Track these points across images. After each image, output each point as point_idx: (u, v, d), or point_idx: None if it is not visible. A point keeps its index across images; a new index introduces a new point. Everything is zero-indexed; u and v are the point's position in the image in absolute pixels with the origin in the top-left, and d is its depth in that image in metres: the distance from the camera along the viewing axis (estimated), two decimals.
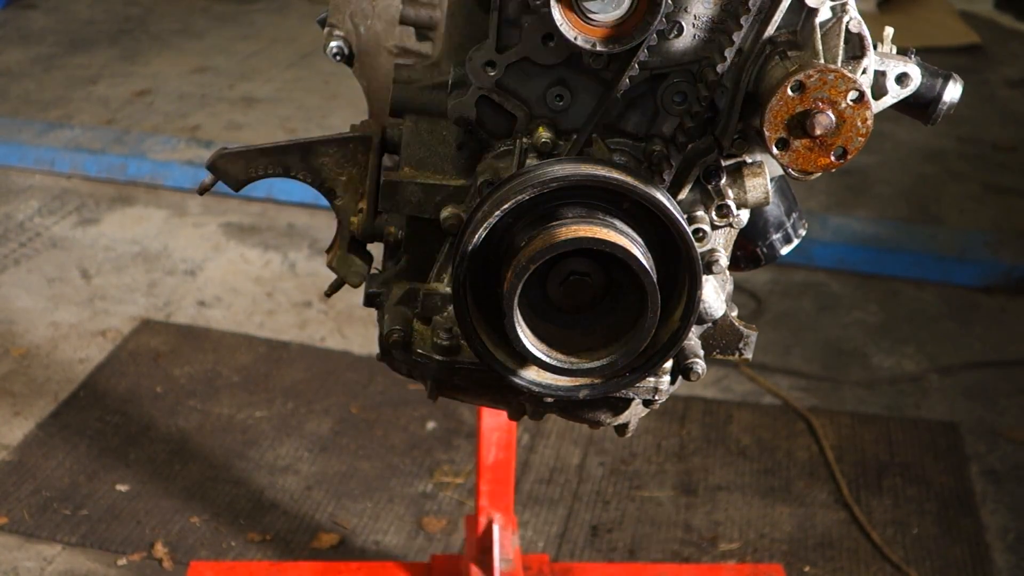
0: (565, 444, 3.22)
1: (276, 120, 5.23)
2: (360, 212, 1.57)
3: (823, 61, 1.25)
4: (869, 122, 1.23)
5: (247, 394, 3.38)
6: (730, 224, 1.41)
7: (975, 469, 3.18)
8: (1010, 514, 3.01)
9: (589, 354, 1.30)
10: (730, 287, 1.51)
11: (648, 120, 1.39)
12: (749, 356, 1.51)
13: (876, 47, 1.35)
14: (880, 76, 1.36)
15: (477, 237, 1.26)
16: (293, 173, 1.58)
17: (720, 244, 1.43)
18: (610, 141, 1.39)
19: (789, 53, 1.28)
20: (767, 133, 1.24)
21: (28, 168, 4.72)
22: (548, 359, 1.28)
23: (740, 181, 1.39)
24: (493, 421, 2.44)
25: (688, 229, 1.26)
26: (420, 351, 1.46)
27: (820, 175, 1.27)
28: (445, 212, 1.43)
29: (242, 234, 4.28)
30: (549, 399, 1.43)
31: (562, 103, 1.38)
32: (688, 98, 1.35)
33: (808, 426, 3.31)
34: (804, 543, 2.92)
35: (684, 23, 1.32)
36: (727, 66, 1.31)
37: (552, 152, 1.38)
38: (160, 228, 4.32)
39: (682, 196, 1.39)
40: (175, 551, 2.80)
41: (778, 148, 1.24)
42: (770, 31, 1.30)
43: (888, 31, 1.38)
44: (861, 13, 1.31)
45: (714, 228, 1.41)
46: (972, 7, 6.82)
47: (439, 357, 1.45)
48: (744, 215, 1.43)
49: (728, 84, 1.32)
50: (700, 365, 1.43)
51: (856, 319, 3.88)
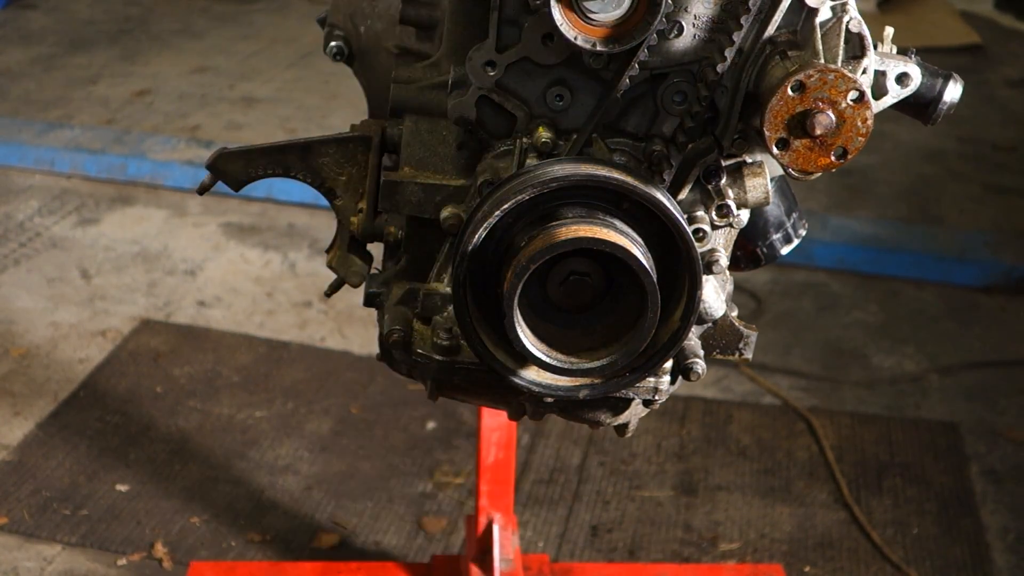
0: (565, 444, 3.22)
1: (276, 120, 5.23)
2: (360, 212, 1.57)
3: (823, 61, 1.25)
4: (869, 122, 1.23)
5: (247, 394, 3.38)
6: (730, 224, 1.41)
7: (975, 469, 3.17)
8: (1010, 514, 3.01)
9: (589, 354, 1.30)
10: (730, 287, 1.51)
11: (648, 120, 1.39)
12: (749, 356, 1.51)
13: (876, 47, 1.35)
14: (880, 76, 1.36)
15: (477, 237, 1.26)
16: (293, 173, 1.58)
17: (720, 244, 1.43)
18: (610, 141, 1.39)
19: (789, 53, 1.28)
20: (767, 133, 1.24)
21: (28, 168, 4.72)
22: (548, 359, 1.28)
23: (740, 181, 1.39)
24: (493, 421, 2.44)
25: (688, 229, 1.26)
26: (420, 351, 1.46)
27: (820, 175, 1.27)
28: (445, 212, 1.43)
29: (242, 234, 4.27)
30: (549, 399, 1.43)
31: (562, 103, 1.38)
32: (688, 98, 1.35)
33: (808, 426, 3.31)
34: (804, 543, 2.91)
35: (684, 23, 1.32)
36: (727, 66, 1.31)
37: (552, 152, 1.38)
38: (160, 228, 4.32)
39: (682, 196, 1.39)
40: (175, 551, 2.79)
41: (778, 148, 1.24)
42: (770, 31, 1.30)
43: (888, 31, 1.38)
44: (861, 13, 1.31)
45: (714, 228, 1.41)
46: (972, 7, 6.81)
47: (439, 357, 1.44)
48: (744, 215, 1.43)
49: (728, 84, 1.32)
50: (700, 365, 1.43)
51: (856, 319, 3.88)
